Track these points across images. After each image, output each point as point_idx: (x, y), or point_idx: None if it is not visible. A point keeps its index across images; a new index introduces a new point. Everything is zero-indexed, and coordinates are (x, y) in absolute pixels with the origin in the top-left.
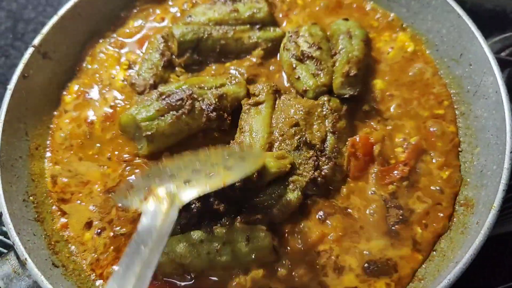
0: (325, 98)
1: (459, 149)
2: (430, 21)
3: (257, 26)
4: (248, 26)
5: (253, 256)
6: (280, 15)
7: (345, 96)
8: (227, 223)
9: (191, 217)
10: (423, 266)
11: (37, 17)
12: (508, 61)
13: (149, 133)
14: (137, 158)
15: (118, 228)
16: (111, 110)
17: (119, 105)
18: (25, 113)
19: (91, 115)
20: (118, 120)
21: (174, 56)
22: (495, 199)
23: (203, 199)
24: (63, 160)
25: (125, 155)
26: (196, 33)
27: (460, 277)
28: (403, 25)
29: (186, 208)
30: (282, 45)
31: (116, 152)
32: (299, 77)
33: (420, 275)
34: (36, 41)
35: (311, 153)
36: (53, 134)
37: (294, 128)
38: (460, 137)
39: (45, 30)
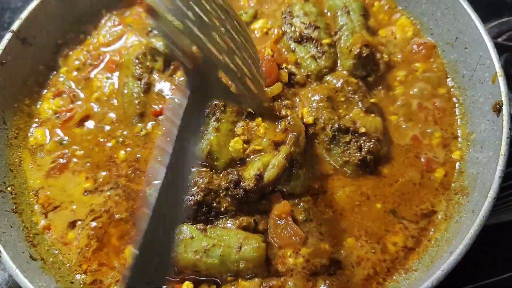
0: (341, 81)
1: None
2: (424, 4)
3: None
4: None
5: (241, 265)
6: None
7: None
8: (222, 224)
9: (186, 208)
10: (416, 258)
11: (24, 6)
12: (505, 46)
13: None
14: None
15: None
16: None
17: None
18: (3, 101)
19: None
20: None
21: (155, 74)
22: (491, 187)
23: (208, 191)
24: (46, 180)
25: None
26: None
27: (454, 268)
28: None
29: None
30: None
31: None
32: (298, 61)
33: (414, 266)
34: (15, 26)
35: (347, 137)
36: (34, 152)
37: (323, 119)
38: (456, 123)
39: (24, 15)
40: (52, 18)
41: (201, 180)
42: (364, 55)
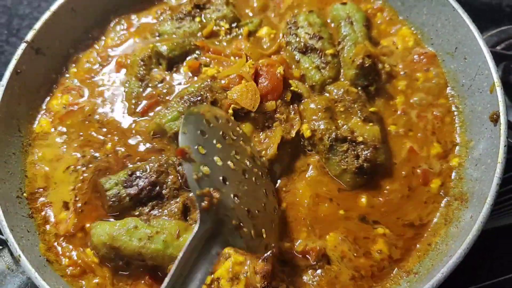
0: (341, 91)
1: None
2: (425, 15)
3: (234, 25)
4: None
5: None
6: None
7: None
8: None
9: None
10: (417, 261)
11: (32, 13)
12: (503, 55)
13: (172, 132)
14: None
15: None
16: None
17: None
18: (18, 109)
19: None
20: (147, 130)
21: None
22: (489, 193)
23: (160, 173)
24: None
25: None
26: (183, 46)
27: (454, 271)
28: (399, 18)
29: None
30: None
31: None
32: (303, 73)
33: (415, 269)
34: (29, 36)
35: (344, 146)
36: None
37: (320, 130)
38: (455, 131)
39: (38, 25)
40: (64, 28)
41: (152, 164)
42: (367, 65)
